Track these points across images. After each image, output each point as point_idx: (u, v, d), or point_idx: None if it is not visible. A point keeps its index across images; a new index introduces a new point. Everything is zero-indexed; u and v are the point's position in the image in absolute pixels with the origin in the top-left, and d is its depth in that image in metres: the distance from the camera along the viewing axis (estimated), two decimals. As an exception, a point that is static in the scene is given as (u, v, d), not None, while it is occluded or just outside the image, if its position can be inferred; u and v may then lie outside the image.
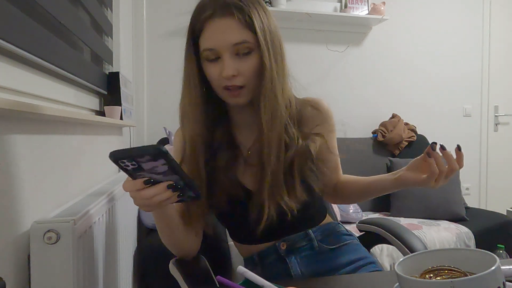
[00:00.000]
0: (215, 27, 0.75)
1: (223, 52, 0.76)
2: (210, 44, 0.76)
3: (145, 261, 1.76)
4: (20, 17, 0.80)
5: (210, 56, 0.78)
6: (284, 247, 0.86)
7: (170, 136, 2.20)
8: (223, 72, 0.76)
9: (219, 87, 0.80)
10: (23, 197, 0.77)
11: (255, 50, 0.77)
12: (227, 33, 0.75)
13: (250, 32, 0.76)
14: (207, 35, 0.77)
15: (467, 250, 0.51)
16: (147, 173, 0.59)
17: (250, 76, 0.78)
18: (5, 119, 0.71)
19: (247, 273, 0.62)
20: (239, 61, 0.77)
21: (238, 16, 0.75)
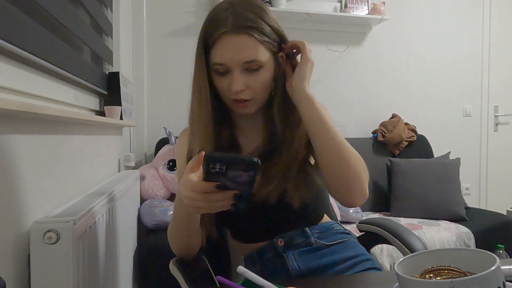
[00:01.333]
0: (228, 43, 0.76)
1: (233, 68, 0.78)
2: (221, 59, 0.78)
3: (145, 261, 1.76)
4: (20, 17, 0.80)
5: (220, 70, 0.79)
6: (281, 243, 0.87)
7: (170, 136, 2.20)
8: (232, 87, 0.78)
9: (227, 99, 0.83)
10: (23, 197, 0.77)
11: (264, 66, 0.79)
12: (239, 50, 0.76)
13: (264, 51, 0.78)
14: (219, 49, 0.77)
15: (467, 250, 0.51)
16: (224, 178, 0.59)
17: (258, 90, 0.81)
18: (5, 119, 0.71)
19: (247, 273, 0.62)
20: (248, 76, 0.79)
21: (252, 34, 0.76)
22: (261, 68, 0.79)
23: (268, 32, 0.79)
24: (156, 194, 2.09)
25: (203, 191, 0.61)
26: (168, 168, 2.13)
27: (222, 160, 0.57)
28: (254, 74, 0.79)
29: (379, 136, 2.69)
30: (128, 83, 1.98)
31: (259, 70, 0.79)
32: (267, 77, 0.81)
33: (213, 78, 0.82)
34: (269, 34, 0.79)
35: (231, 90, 0.79)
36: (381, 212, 2.49)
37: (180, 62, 2.45)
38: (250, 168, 0.57)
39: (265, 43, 0.78)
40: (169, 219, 1.94)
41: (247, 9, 0.78)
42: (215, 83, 0.82)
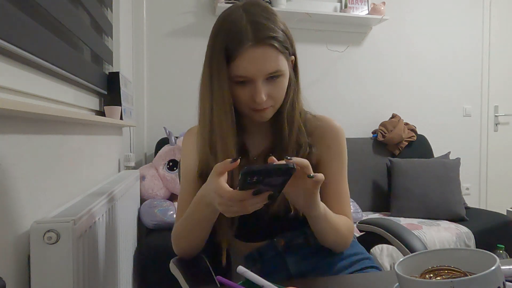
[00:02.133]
0: (251, 56, 0.75)
1: (257, 79, 0.77)
2: (245, 72, 0.76)
3: (145, 261, 1.76)
4: (20, 17, 0.80)
5: (241, 80, 0.78)
6: (281, 243, 0.88)
7: (170, 136, 2.20)
8: (256, 97, 0.77)
9: (246, 107, 0.81)
10: (23, 197, 0.77)
11: (284, 73, 0.80)
12: (264, 63, 0.76)
13: (283, 58, 0.78)
14: (242, 62, 0.76)
15: (467, 250, 0.51)
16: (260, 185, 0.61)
17: (279, 97, 0.81)
18: (5, 119, 0.71)
19: (247, 273, 0.62)
20: (270, 85, 0.79)
21: (274, 44, 0.76)
22: (281, 76, 0.79)
23: (283, 38, 0.78)
24: (156, 194, 2.09)
25: (240, 200, 0.63)
26: (168, 168, 2.13)
27: (261, 173, 0.59)
28: (275, 82, 0.79)
29: (379, 136, 2.69)
30: (128, 83, 1.98)
31: (280, 78, 0.79)
32: (285, 84, 0.81)
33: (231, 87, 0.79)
34: (285, 41, 0.79)
35: (255, 101, 0.78)
36: (381, 212, 2.48)
37: (180, 62, 2.45)
38: (287, 173, 0.60)
39: (284, 51, 0.78)
40: (169, 219, 1.95)
41: (262, 16, 0.77)
42: (233, 93, 0.79)
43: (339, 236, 0.84)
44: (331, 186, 0.88)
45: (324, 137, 0.89)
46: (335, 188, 0.89)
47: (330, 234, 0.83)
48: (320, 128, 0.89)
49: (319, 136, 0.88)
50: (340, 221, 0.84)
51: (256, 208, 0.65)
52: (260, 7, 0.79)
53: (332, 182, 0.88)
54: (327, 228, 0.81)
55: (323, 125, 0.90)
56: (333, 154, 0.89)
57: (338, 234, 0.84)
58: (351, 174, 0.99)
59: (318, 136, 0.88)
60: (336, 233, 0.83)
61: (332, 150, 0.89)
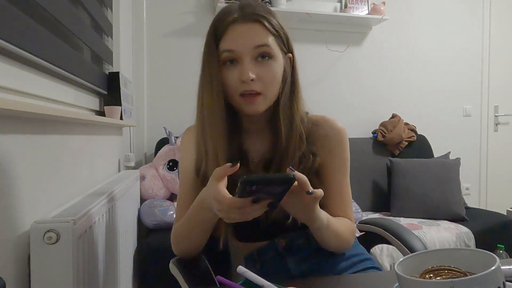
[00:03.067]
0: (239, 30, 0.76)
1: (243, 55, 0.76)
2: (231, 45, 0.76)
3: (145, 261, 1.76)
4: (20, 17, 0.80)
5: (228, 57, 0.77)
6: (282, 244, 0.87)
7: (170, 136, 2.20)
8: (242, 75, 0.75)
9: (236, 94, 0.78)
10: (23, 197, 0.77)
11: (275, 57, 0.78)
12: (250, 36, 0.76)
13: (273, 38, 0.78)
14: (229, 37, 0.76)
15: (467, 250, 0.51)
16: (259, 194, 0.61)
17: (268, 82, 0.78)
18: (5, 119, 0.71)
19: (247, 273, 0.62)
20: (259, 66, 0.77)
21: (263, 22, 0.77)
22: (271, 60, 0.78)
23: (277, 26, 0.79)
24: (156, 194, 2.09)
25: (239, 207, 0.62)
26: (168, 168, 2.13)
27: (260, 183, 0.58)
28: (265, 64, 0.77)
29: (379, 136, 2.69)
30: (128, 83, 1.98)
31: (270, 61, 0.78)
32: (277, 71, 0.79)
33: (222, 73, 0.78)
34: (278, 29, 0.79)
35: (242, 79, 0.75)
36: (381, 212, 2.48)
37: (180, 62, 2.45)
38: (286, 183, 0.60)
39: (275, 35, 0.78)
40: (169, 219, 1.95)
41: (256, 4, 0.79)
42: (224, 78, 0.78)
43: (342, 241, 0.84)
44: (333, 189, 0.86)
45: (326, 139, 0.87)
46: (337, 190, 0.87)
47: (332, 241, 0.82)
48: (323, 130, 0.87)
49: (322, 138, 0.86)
50: (342, 226, 0.83)
51: (255, 215, 0.65)
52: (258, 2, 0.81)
53: (335, 184, 0.87)
54: (329, 236, 0.81)
55: (326, 127, 0.87)
56: (336, 156, 0.87)
57: (341, 239, 0.83)
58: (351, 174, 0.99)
59: (320, 138, 0.86)
60: (339, 239, 0.83)
61: (335, 152, 0.87)
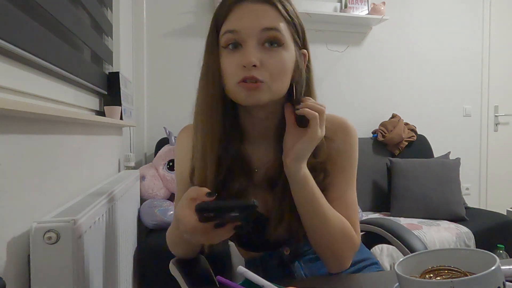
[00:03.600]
0: (246, 10, 0.66)
1: (247, 38, 0.65)
2: (234, 25, 0.66)
3: (145, 261, 1.76)
4: (20, 17, 0.80)
5: (230, 40, 0.66)
6: (287, 252, 0.82)
7: (170, 136, 2.20)
8: (244, 59, 0.64)
9: (234, 82, 0.67)
10: (23, 197, 0.77)
11: (286, 46, 0.68)
12: (257, 16, 0.66)
13: (285, 25, 0.68)
14: (233, 16, 0.66)
15: (467, 250, 0.51)
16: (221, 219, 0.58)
17: (275, 72, 0.67)
18: (5, 119, 0.71)
19: (247, 273, 0.62)
20: (265, 52, 0.66)
21: (276, 5, 0.67)
22: (281, 47, 0.67)
23: (293, 13, 0.69)
24: (156, 194, 2.09)
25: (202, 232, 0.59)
26: (168, 168, 2.13)
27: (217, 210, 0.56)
28: (272, 51, 0.66)
29: (379, 136, 2.69)
30: (128, 83, 1.98)
31: (279, 49, 0.67)
32: (286, 61, 0.68)
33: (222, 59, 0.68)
34: (294, 17, 0.69)
35: (242, 63, 0.64)
36: (381, 212, 2.48)
37: (180, 62, 2.45)
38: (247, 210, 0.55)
39: (289, 22, 0.68)
40: (169, 219, 1.95)
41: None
42: (223, 66, 0.68)
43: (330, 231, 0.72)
44: (338, 194, 0.77)
45: (335, 140, 0.77)
46: (343, 196, 0.78)
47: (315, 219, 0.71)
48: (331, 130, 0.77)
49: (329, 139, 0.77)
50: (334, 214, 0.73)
51: (223, 238, 0.60)
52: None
53: (339, 188, 0.78)
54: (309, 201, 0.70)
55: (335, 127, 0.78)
56: (344, 157, 0.78)
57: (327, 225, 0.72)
58: (351, 174, 0.99)
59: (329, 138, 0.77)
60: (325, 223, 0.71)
61: (343, 153, 0.78)
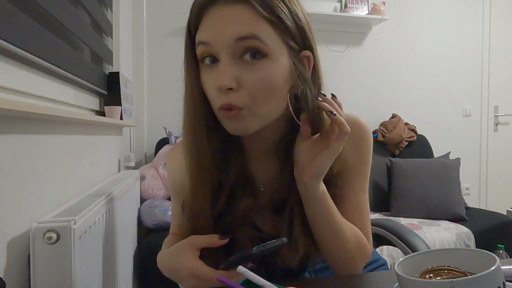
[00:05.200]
0: (216, 16, 0.54)
1: (220, 51, 0.54)
2: (205, 36, 0.55)
3: (145, 261, 1.76)
4: (20, 17, 0.80)
5: (205, 53, 0.56)
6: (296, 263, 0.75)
7: (170, 136, 2.20)
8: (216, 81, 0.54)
9: (216, 108, 0.57)
10: (23, 197, 0.77)
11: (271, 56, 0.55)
12: (230, 23, 0.53)
13: (268, 27, 0.54)
14: (203, 26, 0.56)
15: (467, 250, 0.51)
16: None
17: (258, 93, 0.54)
18: (5, 119, 0.71)
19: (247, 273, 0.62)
20: (244, 68, 0.54)
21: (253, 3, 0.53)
22: (264, 59, 0.54)
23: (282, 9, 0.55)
24: (156, 194, 2.09)
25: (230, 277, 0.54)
26: (168, 168, 2.13)
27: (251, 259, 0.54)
28: (253, 65, 0.54)
29: (379, 136, 2.69)
30: (128, 83, 1.98)
31: (261, 60, 0.54)
32: (273, 76, 0.55)
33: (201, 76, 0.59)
34: (283, 13, 0.55)
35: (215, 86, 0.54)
36: (381, 212, 2.49)
37: (180, 62, 2.43)
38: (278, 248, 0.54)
39: (274, 22, 0.54)
40: (169, 219, 1.95)
41: None
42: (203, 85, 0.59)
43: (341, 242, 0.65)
44: (353, 202, 0.70)
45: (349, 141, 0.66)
46: (356, 200, 0.71)
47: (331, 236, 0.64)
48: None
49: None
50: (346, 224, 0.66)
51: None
52: None
53: (355, 195, 0.71)
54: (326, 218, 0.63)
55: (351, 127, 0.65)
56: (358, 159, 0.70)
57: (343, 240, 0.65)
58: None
59: None
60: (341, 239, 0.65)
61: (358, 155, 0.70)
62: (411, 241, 0.98)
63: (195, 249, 0.57)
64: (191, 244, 0.57)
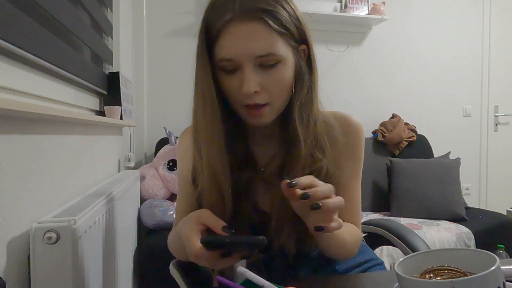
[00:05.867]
0: (236, 34, 0.62)
1: (243, 64, 0.63)
2: (228, 53, 0.63)
3: (145, 261, 1.76)
4: (20, 17, 0.80)
5: (228, 67, 0.65)
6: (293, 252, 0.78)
7: (170, 136, 2.20)
8: (243, 87, 0.64)
9: (238, 104, 0.68)
10: (23, 197, 0.77)
11: (283, 60, 0.65)
12: (250, 41, 0.62)
13: (280, 39, 0.64)
14: (224, 42, 0.63)
15: (467, 250, 0.51)
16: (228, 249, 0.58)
17: (276, 92, 0.66)
18: (5, 119, 0.71)
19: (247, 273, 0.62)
20: (263, 74, 0.65)
21: (266, 20, 0.62)
22: (278, 64, 0.65)
23: (286, 18, 0.64)
24: (156, 194, 2.09)
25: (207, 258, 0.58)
26: (168, 168, 2.13)
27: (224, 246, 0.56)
28: (270, 71, 0.65)
29: (379, 136, 2.69)
30: (128, 83, 1.98)
31: (276, 66, 0.65)
32: (286, 75, 0.66)
33: (220, 78, 0.67)
34: (288, 22, 0.65)
35: (243, 92, 0.64)
36: (381, 212, 2.48)
37: (180, 62, 2.45)
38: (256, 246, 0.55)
39: (283, 32, 0.64)
40: (169, 219, 1.95)
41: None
42: (222, 85, 0.67)
43: (345, 250, 0.76)
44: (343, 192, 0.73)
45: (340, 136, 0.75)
46: (348, 194, 0.76)
47: (336, 249, 0.74)
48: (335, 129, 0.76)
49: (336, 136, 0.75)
50: (348, 235, 0.75)
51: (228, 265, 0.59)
52: None
53: (346, 187, 0.77)
54: (334, 245, 0.72)
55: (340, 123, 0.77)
56: (349, 155, 0.77)
57: (344, 249, 0.75)
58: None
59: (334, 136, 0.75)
60: (343, 248, 0.74)
61: (349, 151, 0.77)
62: (411, 241, 0.98)
63: (199, 222, 0.60)
64: (198, 217, 0.61)
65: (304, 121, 0.70)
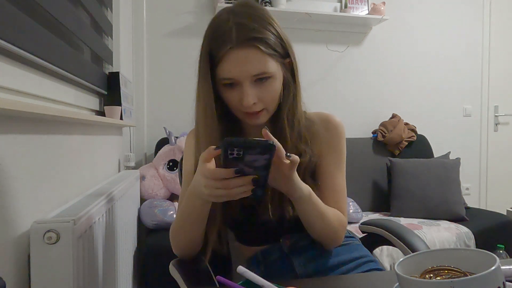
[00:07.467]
0: (235, 59, 0.75)
1: (242, 81, 0.77)
2: (230, 74, 0.77)
3: (145, 261, 1.76)
4: (20, 17, 0.80)
5: (228, 82, 0.78)
6: (287, 244, 0.87)
7: (170, 136, 2.20)
8: (243, 101, 0.77)
9: (238, 111, 0.82)
10: (23, 197, 0.77)
11: (274, 75, 0.79)
12: (247, 63, 0.75)
13: (271, 60, 0.77)
14: (226, 65, 0.76)
15: (467, 250, 0.51)
16: (242, 164, 0.62)
17: (270, 100, 0.81)
18: (5, 119, 0.71)
19: (247, 273, 0.62)
20: (259, 88, 0.78)
21: (259, 46, 0.75)
22: (270, 79, 0.79)
23: (273, 41, 0.78)
24: (156, 194, 2.09)
25: (223, 178, 0.63)
26: (168, 168, 2.13)
27: (240, 145, 0.59)
28: (264, 85, 0.78)
29: (379, 136, 2.69)
30: (128, 83, 1.99)
31: (269, 80, 0.79)
32: (277, 86, 0.81)
33: (221, 91, 0.81)
34: (275, 43, 0.78)
35: (243, 104, 0.78)
36: (381, 212, 2.48)
37: (180, 62, 2.45)
38: (267, 151, 0.60)
39: (272, 53, 0.78)
40: (169, 219, 1.95)
41: (249, 17, 0.76)
42: (224, 97, 0.81)
43: (327, 224, 0.82)
44: (326, 180, 0.88)
45: (322, 133, 0.89)
46: (330, 182, 0.88)
47: (316, 219, 0.81)
48: (319, 125, 0.89)
49: (317, 133, 0.88)
50: (329, 210, 0.83)
51: (242, 194, 0.65)
52: (250, 8, 0.79)
53: (328, 176, 0.88)
54: (312, 211, 0.80)
55: (322, 122, 0.90)
56: (330, 147, 0.89)
57: (324, 221, 0.82)
58: (351, 174, 0.99)
59: (316, 133, 0.88)
60: (323, 220, 0.81)
61: (329, 144, 0.89)
62: (411, 241, 0.98)
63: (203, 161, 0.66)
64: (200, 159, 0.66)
65: (290, 121, 0.85)
